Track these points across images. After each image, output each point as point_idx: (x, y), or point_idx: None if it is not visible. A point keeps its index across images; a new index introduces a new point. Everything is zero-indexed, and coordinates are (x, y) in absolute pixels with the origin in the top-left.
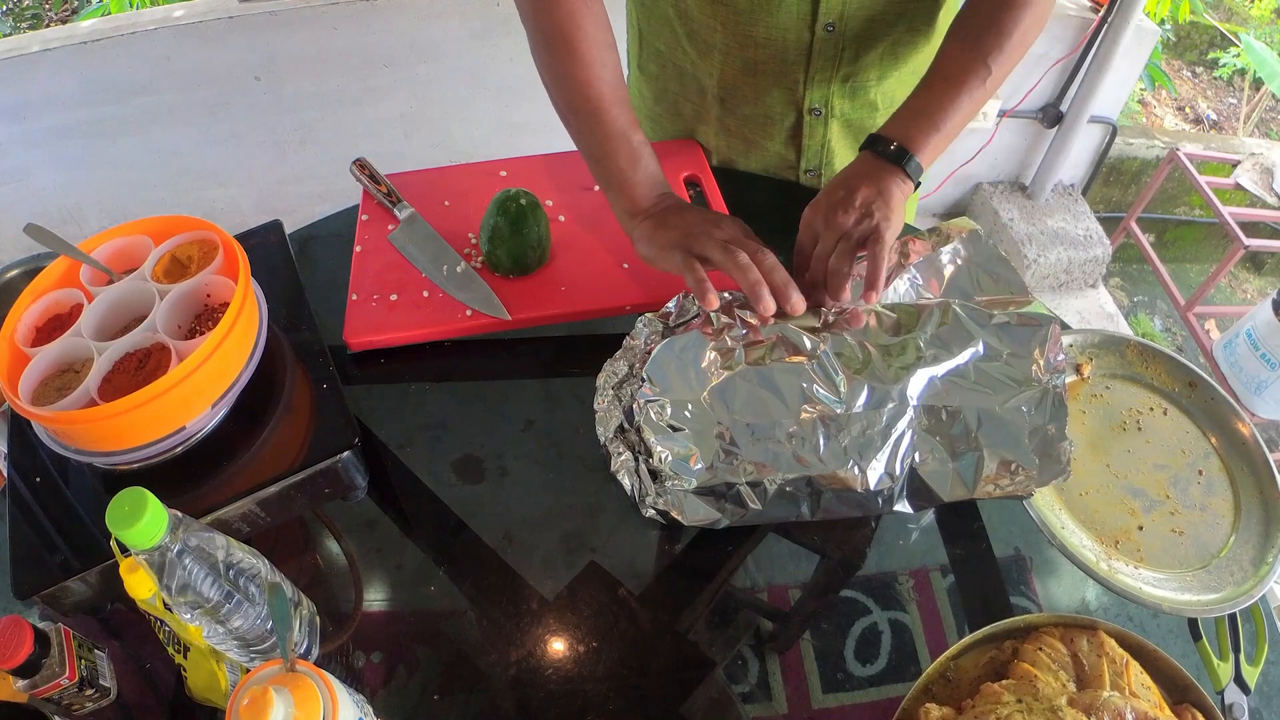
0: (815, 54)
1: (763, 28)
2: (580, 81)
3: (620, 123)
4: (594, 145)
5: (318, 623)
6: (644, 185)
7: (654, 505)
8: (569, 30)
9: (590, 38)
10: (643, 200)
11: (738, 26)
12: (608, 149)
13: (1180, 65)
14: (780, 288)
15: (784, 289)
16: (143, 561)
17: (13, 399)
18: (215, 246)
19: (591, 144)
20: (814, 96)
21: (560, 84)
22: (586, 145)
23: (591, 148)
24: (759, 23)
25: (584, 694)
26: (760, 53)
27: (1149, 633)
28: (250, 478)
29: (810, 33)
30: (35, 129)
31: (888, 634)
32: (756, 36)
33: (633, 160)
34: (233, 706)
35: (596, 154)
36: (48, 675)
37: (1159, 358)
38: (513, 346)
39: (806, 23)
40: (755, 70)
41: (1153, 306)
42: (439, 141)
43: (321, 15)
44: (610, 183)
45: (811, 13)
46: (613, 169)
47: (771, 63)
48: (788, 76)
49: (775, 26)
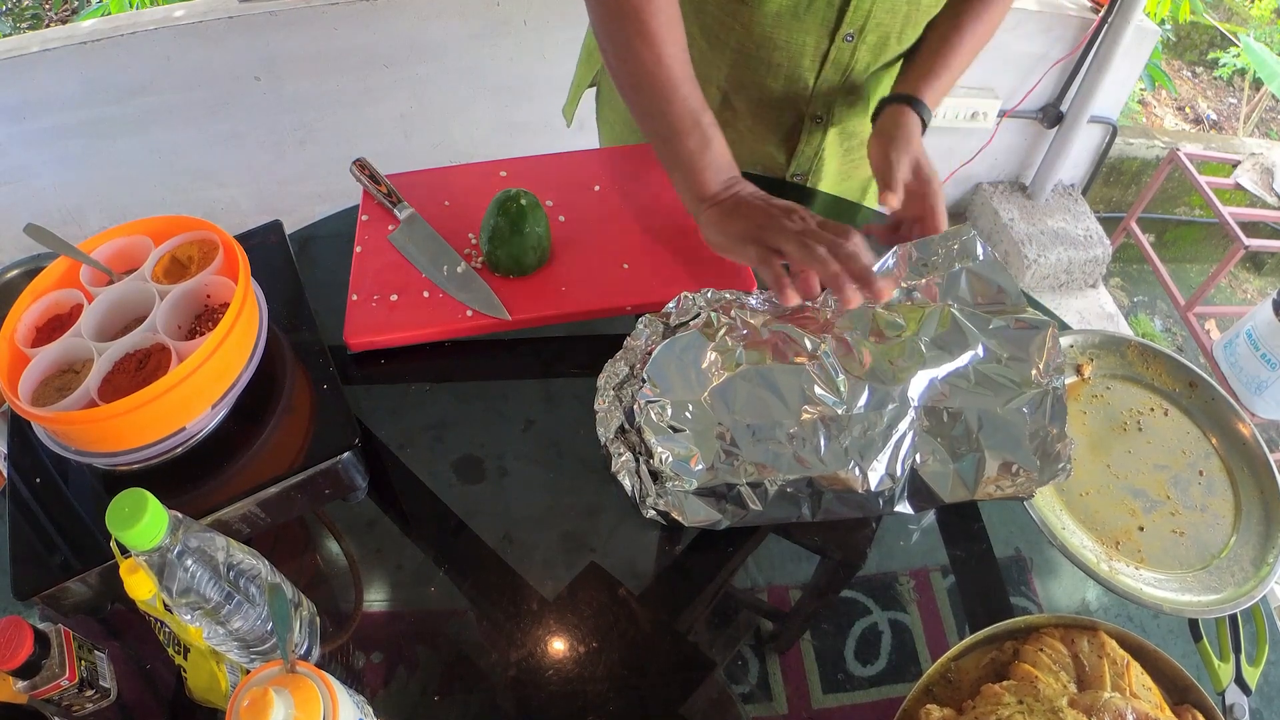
0: (829, 61)
1: (784, 31)
2: (649, 58)
3: (691, 102)
4: (662, 125)
5: (318, 623)
6: (712, 169)
7: (654, 506)
8: (638, 3)
9: (661, 12)
10: (711, 184)
11: (760, 28)
12: (677, 129)
13: (1180, 65)
14: (862, 275)
15: (865, 276)
16: (143, 562)
17: (13, 399)
18: (215, 247)
19: (659, 124)
20: (818, 103)
21: (627, 60)
22: (653, 124)
23: (659, 127)
24: (782, 26)
25: (584, 694)
26: (777, 55)
27: (1149, 633)
28: (250, 478)
29: (829, 40)
30: (35, 129)
31: (888, 634)
32: (776, 39)
33: (703, 143)
34: (233, 707)
35: (664, 134)
36: (48, 676)
37: (1159, 358)
38: (513, 347)
39: (828, 30)
40: (768, 71)
41: (1153, 306)
42: (439, 141)
43: (321, 15)
44: (678, 164)
45: (836, 21)
46: (681, 150)
47: (786, 65)
48: (798, 81)
49: (798, 30)
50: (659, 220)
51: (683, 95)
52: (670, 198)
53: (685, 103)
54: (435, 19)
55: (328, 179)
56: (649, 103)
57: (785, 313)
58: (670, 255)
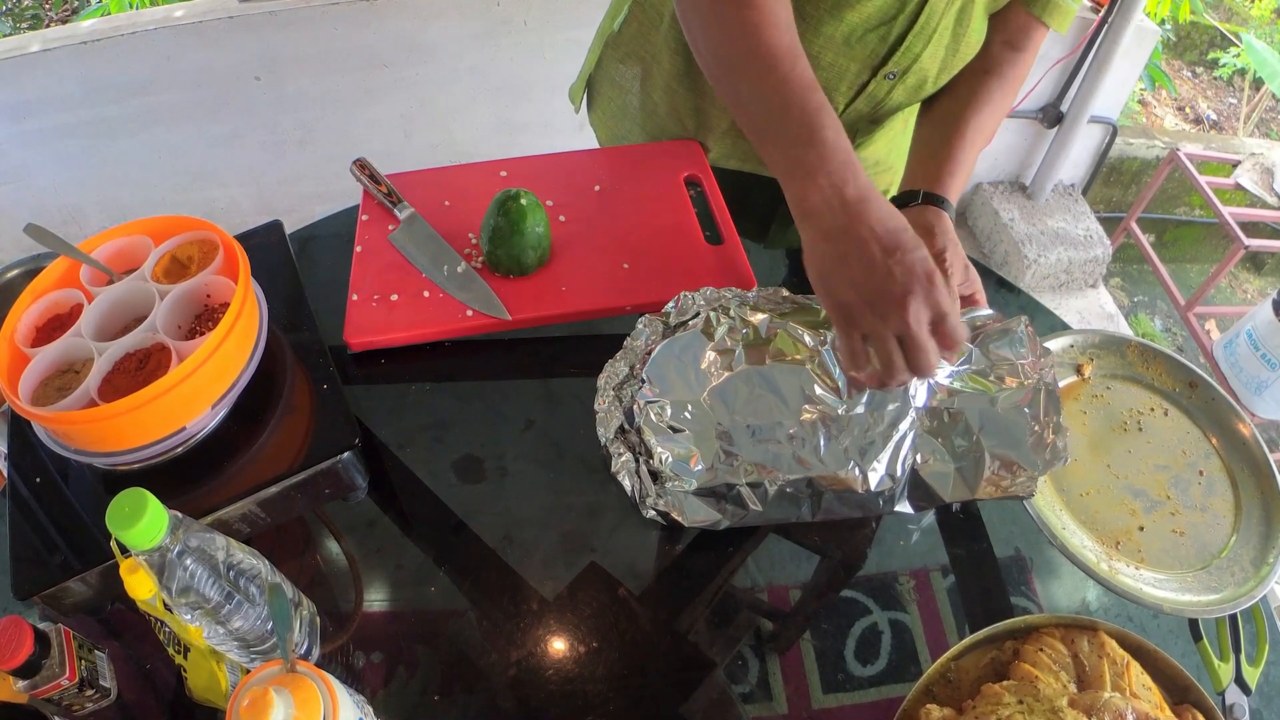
0: (865, 94)
1: (831, 54)
2: (752, 26)
3: (803, 79)
4: (765, 104)
5: (318, 623)
6: (819, 166)
7: (654, 506)
8: None
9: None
10: (819, 189)
11: (808, 45)
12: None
13: (1180, 65)
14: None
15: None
16: (143, 562)
17: (13, 399)
18: (215, 246)
19: (763, 104)
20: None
21: (729, 31)
22: (756, 104)
23: (763, 108)
24: (831, 49)
25: (584, 694)
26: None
27: (1149, 633)
28: (250, 478)
29: (870, 74)
30: (35, 129)
31: (888, 634)
32: (821, 60)
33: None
34: (233, 707)
35: (770, 113)
36: (48, 676)
37: (1159, 358)
38: (513, 346)
39: (872, 65)
40: None
41: (1153, 306)
42: (439, 141)
43: (321, 15)
44: (781, 152)
45: (883, 59)
46: (783, 137)
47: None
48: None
49: (845, 57)
50: (659, 220)
51: (798, 71)
52: (670, 198)
53: (798, 80)
54: (435, 19)
55: (328, 179)
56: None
57: (785, 311)
58: (670, 255)
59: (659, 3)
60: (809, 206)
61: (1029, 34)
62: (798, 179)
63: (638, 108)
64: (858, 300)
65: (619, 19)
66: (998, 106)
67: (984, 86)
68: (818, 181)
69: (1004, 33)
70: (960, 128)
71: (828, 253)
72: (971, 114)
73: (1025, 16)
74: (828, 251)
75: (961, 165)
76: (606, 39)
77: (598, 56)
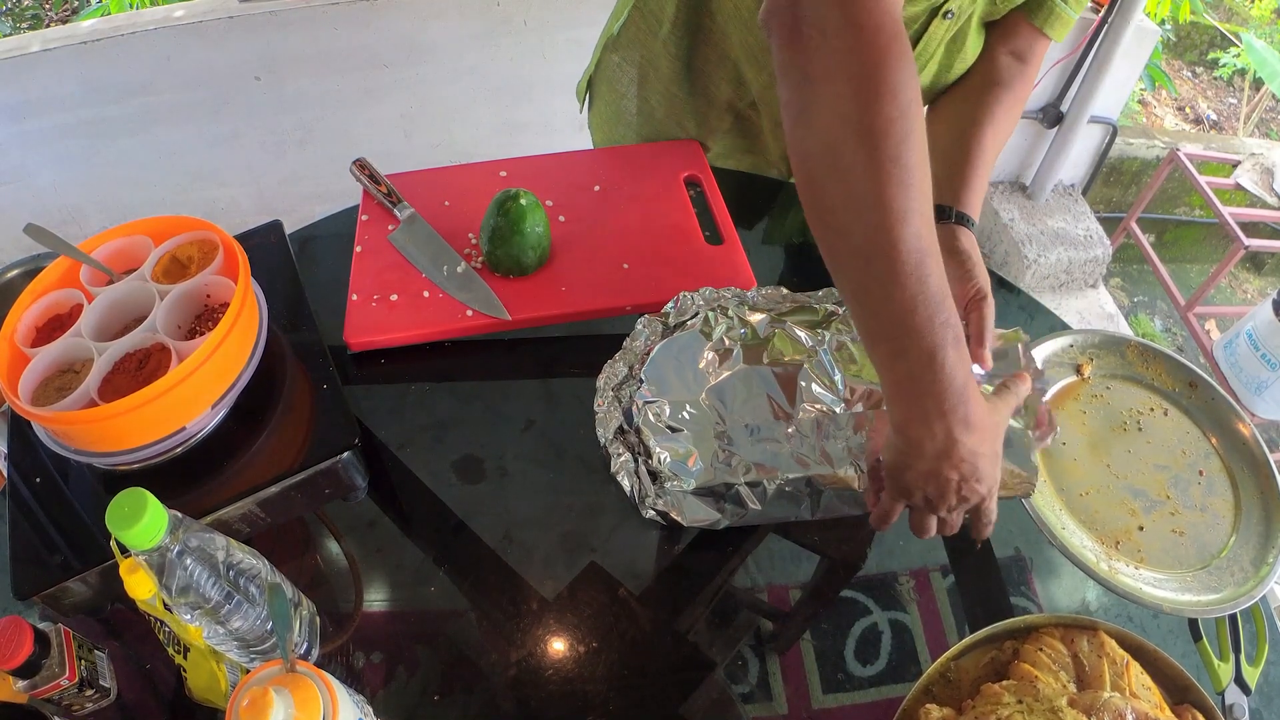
0: None
1: None
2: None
3: (940, 289)
4: (892, 308)
5: (318, 623)
6: (929, 390)
7: (654, 506)
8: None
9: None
10: (924, 414)
11: None
12: (908, 324)
13: (1180, 65)
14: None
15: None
16: (143, 562)
17: (13, 399)
18: (215, 247)
19: (890, 309)
20: None
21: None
22: (885, 309)
23: (889, 312)
24: None
25: (584, 694)
26: None
27: (1149, 633)
28: (250, 478)
29: None
30: (35, 129)
31: (888, 634)
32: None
33: (930, 354)
34: (233, 707)
35: (895, 319)
36: (48, 676)
37: (1159, 358)
38: (513, 347)
39: None
40: None
41: (1153, 306)
42: (439, 141)
43: (321, 15)
44: (896, 359)
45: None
46: (904, 355)
47: None
48: None
49: None
50: (659, 220)
51: (938, 271)
52: (670, 198)
53: (939, 284)
54: (435, 19)
55: (328, 179)
56: (891, 279)
57: (783, 311)
58: (670, 255)
59: (658, 7)
60: (908, 420)
61: (1033, 45)
62: (905, 397)
63: (634, 112)
64: (919, 495)
65: (619, 22)
66: (1010, 118)
67: (996, 100)
68: (924, 406)
69: (1009, 44)
70: (979, 141)
71: (912, 460)
72: (988, 128)
73: (1028, 28)
74: (912, 460)
75: (982, 181)
76: (606, 41)
77: (598, 58)
